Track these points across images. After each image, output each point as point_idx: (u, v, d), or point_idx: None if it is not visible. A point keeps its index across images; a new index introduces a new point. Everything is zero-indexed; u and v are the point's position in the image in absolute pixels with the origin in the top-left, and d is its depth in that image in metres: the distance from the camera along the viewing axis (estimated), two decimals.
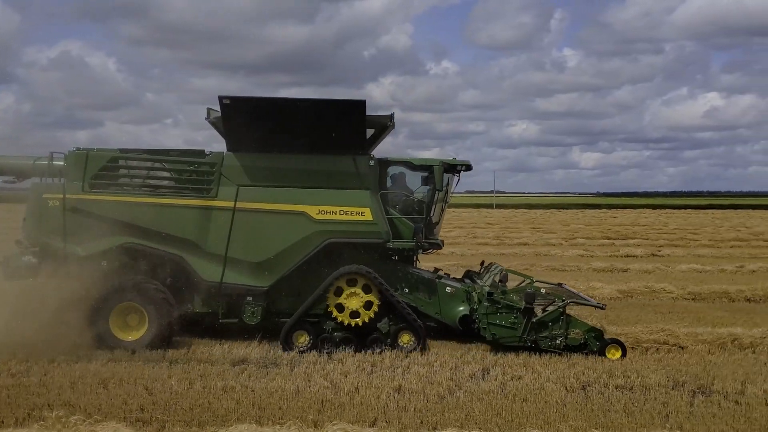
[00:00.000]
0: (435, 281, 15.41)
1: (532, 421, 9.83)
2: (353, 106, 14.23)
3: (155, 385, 11.32)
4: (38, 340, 13.15)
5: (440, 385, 11.47)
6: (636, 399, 10.90)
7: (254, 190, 14.50)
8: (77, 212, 14.24)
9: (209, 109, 15.09)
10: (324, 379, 11.75)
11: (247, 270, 14.54)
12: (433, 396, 10.96)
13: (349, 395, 10.93)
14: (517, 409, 10.32)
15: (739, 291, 21.82)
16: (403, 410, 10.25)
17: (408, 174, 15.51)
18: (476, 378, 12.06)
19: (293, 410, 10.14)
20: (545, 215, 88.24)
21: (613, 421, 9.90)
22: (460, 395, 11.01)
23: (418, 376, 12.05)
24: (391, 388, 11.30)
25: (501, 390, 11.27)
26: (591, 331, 13.93)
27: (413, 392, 11.16)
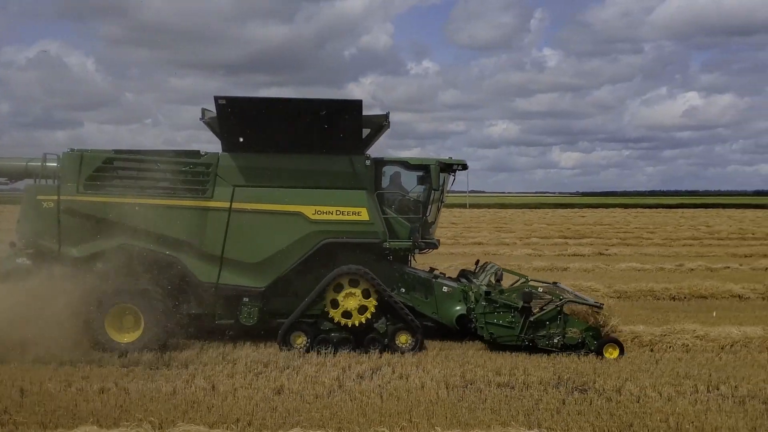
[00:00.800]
0: (432, 281, 15.40)
1: (394, 419, 9.87)
2: (350, 106, 14.22)
3: (32, 387, 11.19)
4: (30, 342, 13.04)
5: (323, 385, 11.48)
6: (511, 396, 11.03)
7: (250, 190, 14.44)
8: (72, 214, 14.16)
9: (204, 110, 15.02)
10: (205, 381, 11.62)
11: (243, 271, 14.48)
12: (309, 396, 10.96)
13: (223, 396, 10.89)
14: (386, 408, 10.37)
15: (665, 289, 21.87)
16: (273, 410, 10.21)
17: (403, 174, 15.49)
18: (364, 377, 12.08)
19: (156, 412, 10.01)
20: (514, 215, 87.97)
21: (476, 418, 9.97)
22: (337, 395, 11.03)
23: (305, 377, 12.00)
24: (271, 389, 11.25)
25: (380, 389, 11.32)
26: (588, 330, 13.96)
27: (292, 393, 11.13)
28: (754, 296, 21.47)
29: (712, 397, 11.09)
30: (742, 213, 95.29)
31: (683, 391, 11.35)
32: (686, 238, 46.86)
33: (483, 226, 60.08)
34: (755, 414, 10.22)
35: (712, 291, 21.41)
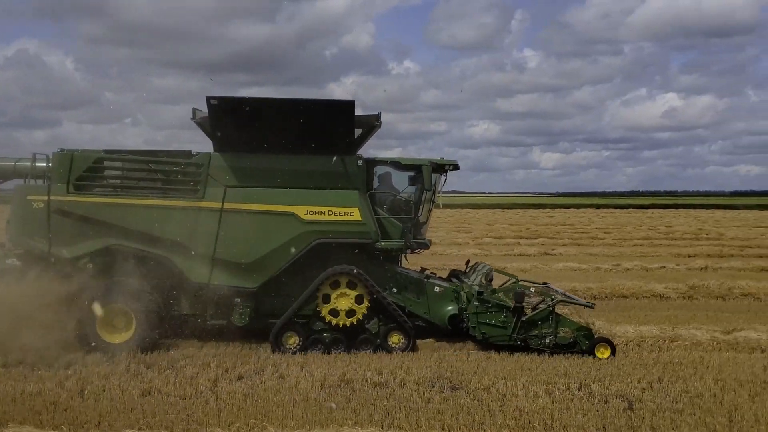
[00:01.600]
0: (423, 281, 15.43)
1: (242, 419, 9.93)
2: (342, 106, 14.19)
3: None
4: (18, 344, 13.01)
5: (194, 387, 11.45)
6: (380, 396, 11.11)
7: (242, 190, 14.38)
8: (62, 214, 14.05)
9: (194, 110, 14.95)
10: (78, 382, 11.59)
11: (235, 271, 14.42)
12: (174, 397, 10.92)
13: (87, 397, 10.88)
14: (244, 408, 10.44)
15: (588, 288, 21.92)
16: (128, 411, 10.26)
17: (395, 174, 15.49)
18: (243, 378, 12.08)
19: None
20: (483, 215, 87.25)
21: (332, 418, 10.09)
22: (205, 396, 11.03)
23: (183, 377, 11.98)
24: (139, 390, 11.20)
25: (250, 389, 11.35)
26: (580, 330, 14.03)
27: (162, 394, 11.09)
28: (675, 296, 21.58)
29: (579, 395, 11.22)
30: (711, 213, 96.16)
31: (552, 389, 11.49)
32: (639, 238, 46.85)
33: (444, 226, 59.88)
34: (613, 412, 10.37)
35: (634, 291, 21.49)
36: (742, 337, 15.03)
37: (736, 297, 21.49)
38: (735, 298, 21.45)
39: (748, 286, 22.14)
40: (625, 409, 10.50)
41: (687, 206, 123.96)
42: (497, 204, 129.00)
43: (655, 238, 46.87)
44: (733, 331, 15.47)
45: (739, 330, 15.59)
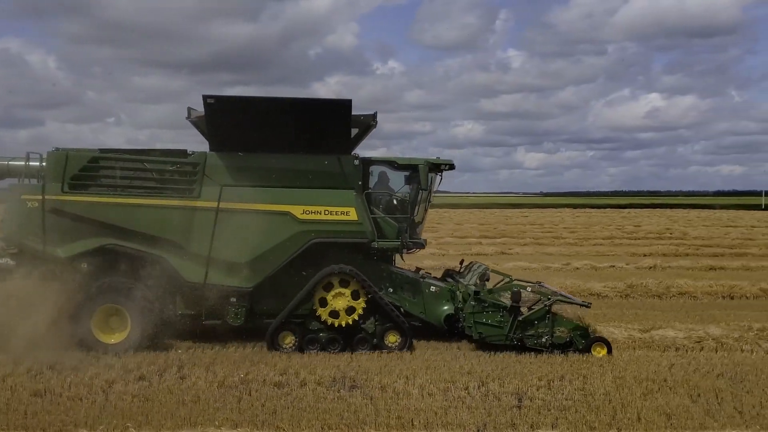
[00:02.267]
0: (419, 281, 15.43)
1: (108, 420, 9.83)
2: (339, 105, 14.17)
3: None
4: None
5: (90, 388, 11.30)
6: (270, 396, 11.06)
7: (238, 190, 14.34)
8: (57, 213, 13.97)
9: (190, 109, 14.93)
10: None
11: (230, 271, 14.37)
12: (65, 398, 10.77)
13: None
14: (119, 408, 10.36)
15: None
16: (2, 413, 10.14)
17: (391, 174, 15.48)
18: (144, 378, 11.90)
19: None
20: (456, 215, 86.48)
21: (207, 417, 10.03)
22: (94, 397, 10.91)
23: (81, 378, 11.79)
24: (31, 392, 11.04)
25: (142, 390, 11.24)
26: (577, 329, 14.06)
27: (54, 395, 10.94)
28: (612, 295, 21.73)
29: (474, 393, 11.23)
30: (686, 213, 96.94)
31: (450, 388, 11.47)
32: (602, 237, 46.84)
33: None
34: (499, 410, 10.41)
35: (572, 290, 21.33)
36: (658, 336, 15.21)
37: (672, 296, 21.67)
38: (672, 296, 21.63)
39: (686, 284, 22.30)
40: (512, 407, 10.52)
41: (665, 206, 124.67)
42: (476, 204, 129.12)
43: (618, 238, 46.97)
44: (651, 330, 15.66)
45: (657, 328, 15.78)
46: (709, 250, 37.50)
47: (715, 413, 10.38)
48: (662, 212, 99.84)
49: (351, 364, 13.06)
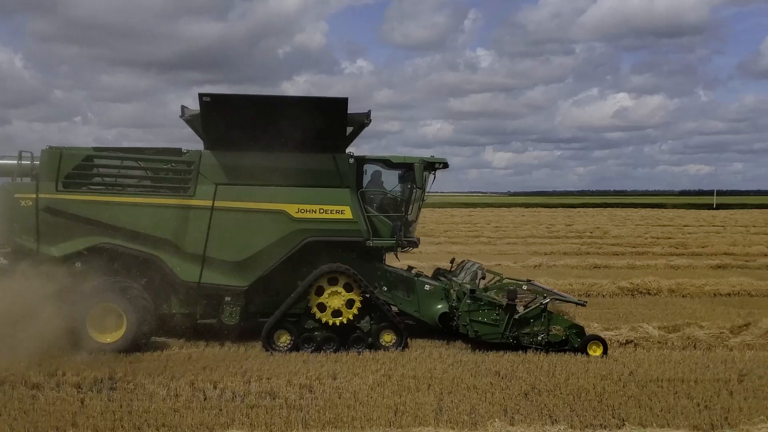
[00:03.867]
0: (413, 279, 15.44)
1: None
2: (335, 103, 14.12)
3: None
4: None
5: None
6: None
7: (233, 188, 14.30)
8: (51, 212, 13.90)
9: (184, 107, 14.83)
10: None
11: (225, 270, 14.34)
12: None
13: None
14: None
15: None
16: None
17: (384, 172, 15.46)
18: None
19: None
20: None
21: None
22: None
23: None
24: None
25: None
26: (572, 328, 14.11)
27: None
28: None
29: (219, 393, 11.09)
30: (635, 212, 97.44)
31: (205, 387, 11.32)
32: (520, 236, 46.58)
33: None
34: (232, 408, 10.32)
35: None
36: None
37: None
38: None
39: (544, 282, 22.15)
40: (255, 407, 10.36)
41: (619, 205, 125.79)
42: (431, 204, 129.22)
43: (537, 236, 47.00)
44: None
45: None
46: (610, 249, 37.78)
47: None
48: (610, 211, 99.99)
49: (132, 363, 12.82)
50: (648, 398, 10.92)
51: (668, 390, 11.39)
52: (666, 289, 21.76)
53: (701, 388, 11.45)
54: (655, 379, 12.00)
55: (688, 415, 10.14)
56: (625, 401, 10.77)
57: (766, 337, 14.90)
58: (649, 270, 28.10)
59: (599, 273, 26.78)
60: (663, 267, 29.54)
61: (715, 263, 30.77)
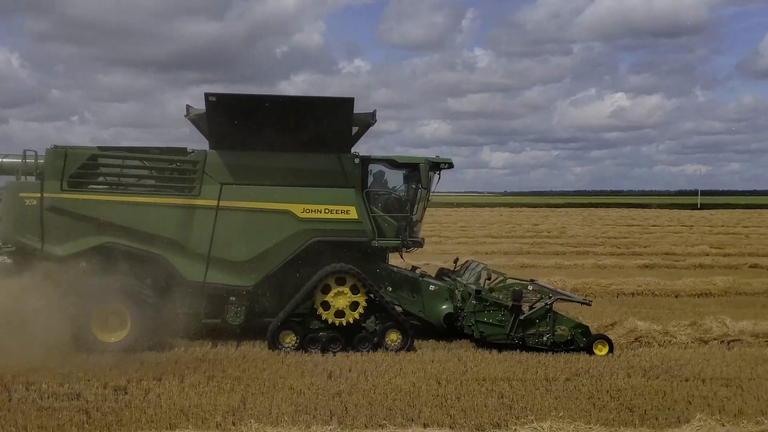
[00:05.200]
0: (418, 279, 15.44)
1: None
2: (341, 103, 14.08)
3: None
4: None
5: None
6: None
7: (238, 188, 14.27)
8: (56, 211, 13.83)
9: (188, 107, 14.80)
10: None
11: (230, 269, 14.30)
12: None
13: None
14: None
15: None
16: None
17: (389, 172, 15.45)
18: None
19: None
20: None
21: None
22: None
23: None
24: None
25: None
26: (577, 328, 14.11)
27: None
28: None
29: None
30: (617, 212, 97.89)
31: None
32: (477, 236, 46.46)
33: None
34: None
35: None
36: None
37: None
38: None
39: None
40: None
41: (605, 205, 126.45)
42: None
43: (489, 236, 46.63)
44: None
45: None
46: (555, 248, 37.76)
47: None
48: (591, 212, 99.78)
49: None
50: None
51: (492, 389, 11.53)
52: (569, 288, 21.51)
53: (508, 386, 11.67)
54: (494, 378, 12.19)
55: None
56: None
57: (628, 336, 15.00)
58: (572, 269, 28.22)
59: (518, 272, 26.15)
60: (590, 266, 29.65)
61: (644, 263, 30.76)
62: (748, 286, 23.05)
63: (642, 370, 12.75)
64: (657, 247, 38.74)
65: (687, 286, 22.59)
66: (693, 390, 11.56)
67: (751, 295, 22.34)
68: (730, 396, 11.30)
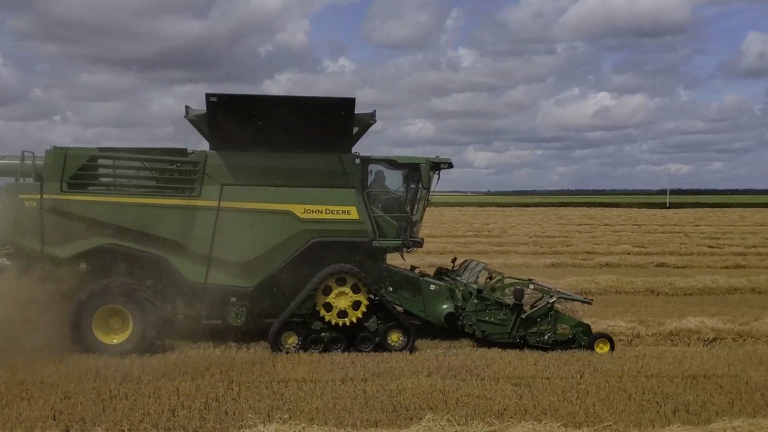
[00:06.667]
0: (419, 279, 15.46)
1: None
2: (342, 104, 14.06)
3: None
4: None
5: None
6: None
7: (239, 189, 14.23)
8: (55, 213, 13.72)
9: (188, 108, 14.73)
10: None
11: (231, 270, 14.26)
12: None
13: None
14: None
15: None
16: None
17: (389, 172, 15.45)
18: None
19: None
20: None
21: None
22: None
23: None
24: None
25: None
26: (579, 326, 14.18)
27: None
28: None
29: None
30: (583, 211, 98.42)
31: None
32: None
33: None
34: None
35: None
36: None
37: None
38: None
39: None
40: None
41: (575, 204, 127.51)
42: None
43: (433, 236, 45.58)
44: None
45: None
46: (477, 247, 37.89)
47: None
48: (556, 211, 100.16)
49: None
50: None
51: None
52: None
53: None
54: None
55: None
56: None
57: None
58: None
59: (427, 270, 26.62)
60: (497, 265, 28.90)
61: (551, 262, 30.94)
62: (629, 285, 23.14)
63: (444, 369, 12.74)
64: (580, 247, 38.67)
65: (568, 285, 22.16)
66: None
67: (630, 294, 22.54)
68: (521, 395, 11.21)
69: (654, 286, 22.64)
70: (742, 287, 23.11)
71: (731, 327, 15.62)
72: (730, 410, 10.36)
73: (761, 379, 12.07)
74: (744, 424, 9.30)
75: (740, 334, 15.36)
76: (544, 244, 40.42)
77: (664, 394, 11.17)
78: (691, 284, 23.12)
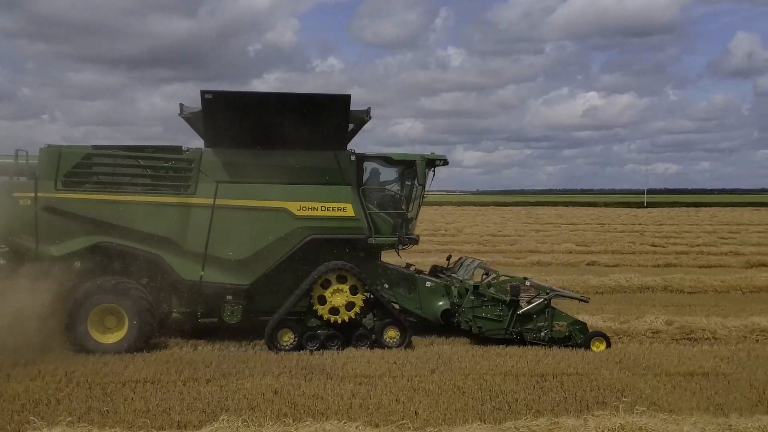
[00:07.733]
0: (414, 276, 15.46)
1: None
2: (338, 101, 14.04)
3: None
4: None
5: None
6: None
7: (234, 186, 14.18)
8: (50, 211, 13.66)
9: (182, 105, 14.66)
10: None
11: (227, 268, 14.22)
12: None
13: None
14: None
15: None
16: None
17: (384, 169, 15.40)
18: None
19: None
20: None
21: None
22: None
23: None
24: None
25: None
26: (575, 324, 14.20)
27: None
28: None
29: None
30: (556, 210, 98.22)
31: None
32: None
33: None
34: None
35: None
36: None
37: None
38: None
39: None
40: None
41: (552, 204, 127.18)
42: None
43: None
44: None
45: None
46: (423, 246, 36.76)
47: None
48: (529, 210, 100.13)
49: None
50: None
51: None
52: None
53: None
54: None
55: None
56: None
57: None
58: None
59: None
60: (431, 263, 29.63)
61: (483, 259, 30.17)
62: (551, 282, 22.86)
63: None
64: (523, 245, 38.34)
65: None
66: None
67: None
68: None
69: (564, 284, 21.73)
70: (655, 285, 22.75)
71: (610, 325, 15.45)
72: (555, 408, 10.33)
73: (614, 378, 11.91)
74: (545, 423, 9.18)
75: (617, 332, 15.18)
76: (489, 243, 40.23)
77: (500, 391, 11.09)
78: (604, 283, 22.77)
